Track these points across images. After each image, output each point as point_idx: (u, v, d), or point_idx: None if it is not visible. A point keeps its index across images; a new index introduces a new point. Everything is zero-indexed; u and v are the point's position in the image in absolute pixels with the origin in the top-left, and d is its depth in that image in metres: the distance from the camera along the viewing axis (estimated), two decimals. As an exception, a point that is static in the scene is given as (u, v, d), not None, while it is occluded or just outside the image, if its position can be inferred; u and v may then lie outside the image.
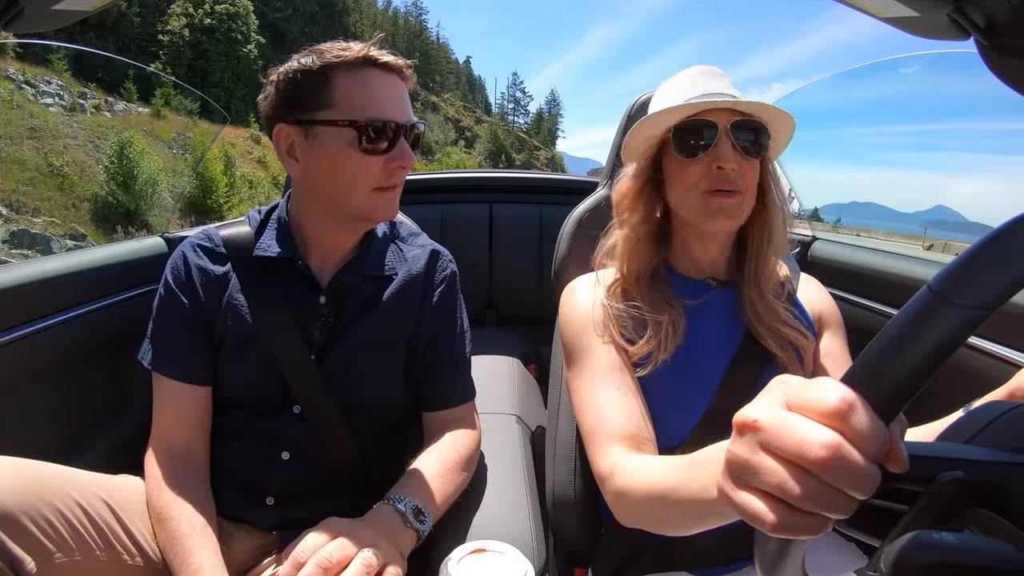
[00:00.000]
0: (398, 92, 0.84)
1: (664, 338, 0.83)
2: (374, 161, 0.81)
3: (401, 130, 0.82)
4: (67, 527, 0.70)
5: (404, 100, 0.85)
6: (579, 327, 0.89)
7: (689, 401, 0.84)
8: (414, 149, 0.86)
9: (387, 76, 0.83)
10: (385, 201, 0.84)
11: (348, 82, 0.79)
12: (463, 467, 0.89)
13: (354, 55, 0.79)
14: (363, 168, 0.81)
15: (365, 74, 0.80)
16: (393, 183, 0.84)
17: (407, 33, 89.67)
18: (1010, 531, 0.35)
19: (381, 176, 0.82)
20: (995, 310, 0.33)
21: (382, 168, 0.82)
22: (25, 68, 20.96)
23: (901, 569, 0.34)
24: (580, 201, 1.21)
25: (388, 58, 0.82)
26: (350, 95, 0.79)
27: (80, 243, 15.59)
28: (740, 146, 0.81)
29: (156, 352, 0.88)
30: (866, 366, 0.35)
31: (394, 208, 0.87)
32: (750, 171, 0.83)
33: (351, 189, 0.82)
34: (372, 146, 0.80)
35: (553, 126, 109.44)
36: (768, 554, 0.38)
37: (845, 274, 1.26)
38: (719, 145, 0.81)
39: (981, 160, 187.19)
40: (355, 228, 0.91)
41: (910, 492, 0.37)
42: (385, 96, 0.82)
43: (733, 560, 0.84)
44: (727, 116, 0.81)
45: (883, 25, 0.64)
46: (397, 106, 0.83)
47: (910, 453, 0.34)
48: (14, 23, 0.64)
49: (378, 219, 0.88)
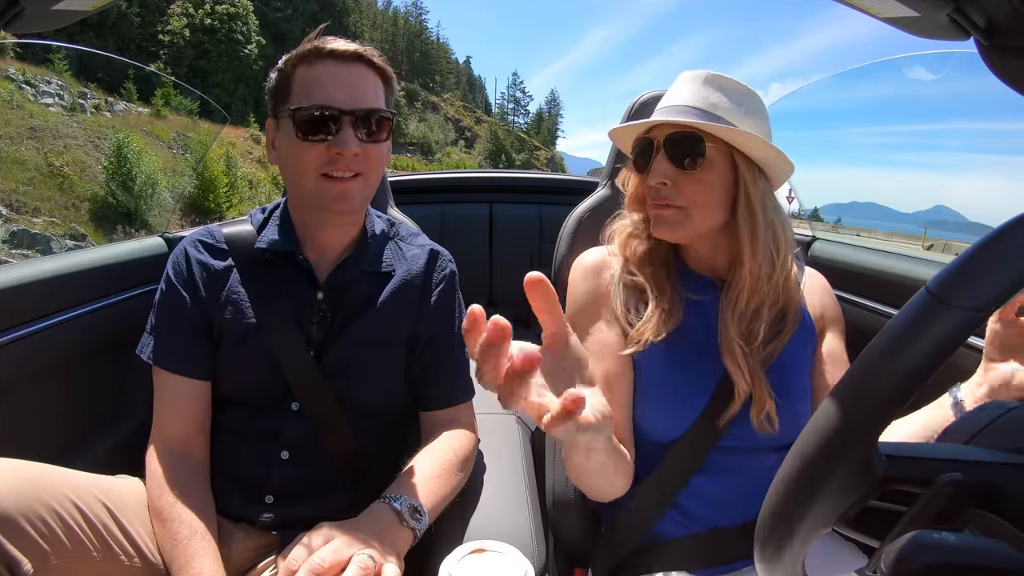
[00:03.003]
0: (350, 78, 0.83)
1: (661, 317, 0.84)
2: (313, 148, 0.81)
3: (344, 116, 0.81)
4: (64, 528, 0.70)
5: (356, 86, 0.83)
6: (582, 304, 0.90)
7: (689, 399, 0.84)
8: (370, 137, 0.83)
9: (340, 64, 0.83)
10: (336, 191, 0.83)
11: (304, 73, 0.83)
12: (460, 467, 0.89)
13: (305, 48, 0.83)
14: (303, 155, 0.82)
15: (320, 64, 0.82)
16: (338, 171, 0.82)
17: (407, 33, 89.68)
18: (1009, 532, 0.35)
19: (322, 163, 0.82)
20: (993, 312, 0.33)
21: (322, 155, 0.81)
22: (25, 68, 20.98)
23: (901, 569, 0.34)
24: (580, 201, 1.21)
25: (336, 45, 0.82)
26: (302, 86, 0.82)
27: (80, 243, 15.59)
28: (675, 160, 0.81)
29: (156, 345, 0.88)
30: (865, 368, 0.35)
31: (348, 200, 0.84)
32: (691, 185, 0.81)
33: (300, 176, 0.84)
34: (309, 132, 0.81)
35: (553, 126, 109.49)
36: (768, 554, 0.38)
37: (845, 274, 1.26)
38: (655, 161, 0.83)
39: (981, 160, 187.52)
40: (335, 222, 0.89)
41: (909, 493, 0.37)
42: (331, 82, 0.81)
43: (733, 560, 0.84)
44: (666, 129, 0.82)
45: (883, 25, 0.64)
46: (342, 92, 0.81)
47: (910, 454, 0.34)
48: (14, 23, 0.64)
49: (334, 210, 0.84)
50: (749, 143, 0.80)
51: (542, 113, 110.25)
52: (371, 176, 0.87)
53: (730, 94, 0.82)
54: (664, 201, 0.82)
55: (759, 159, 0.82)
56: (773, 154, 0.81)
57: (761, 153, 0.81)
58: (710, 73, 0.84)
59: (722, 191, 0.82)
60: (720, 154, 0.81)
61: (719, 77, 0.84)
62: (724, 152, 0.81)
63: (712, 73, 0.84)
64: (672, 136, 0.81)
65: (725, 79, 0.84)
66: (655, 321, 0.84)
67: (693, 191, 0.81)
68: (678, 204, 0.82)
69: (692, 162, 0.80)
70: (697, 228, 0.84)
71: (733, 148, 0.81)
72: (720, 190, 0.82)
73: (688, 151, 0.80)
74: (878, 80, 7.78)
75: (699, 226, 0.83)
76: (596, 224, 1.12)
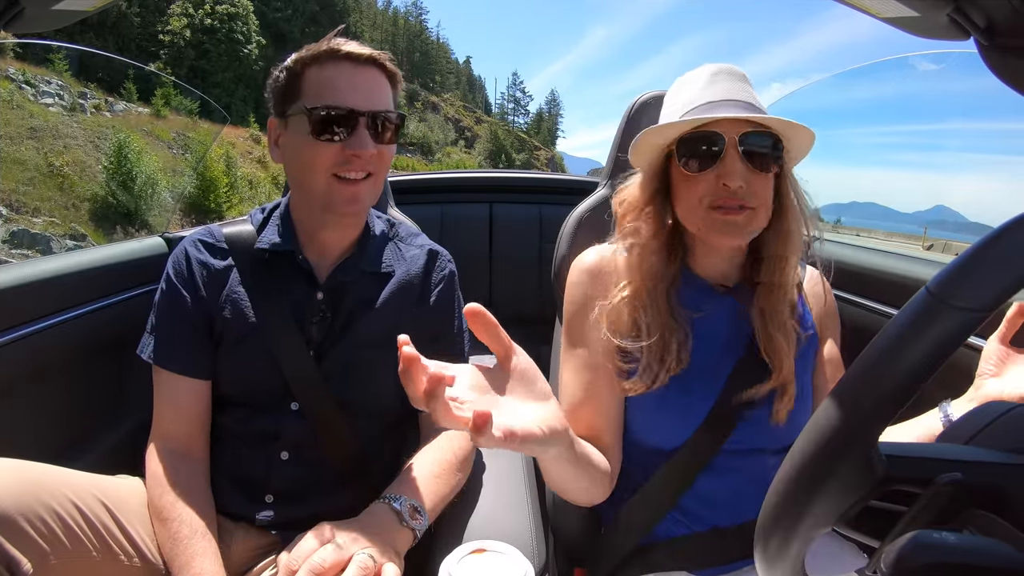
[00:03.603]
0: (365, 81, 0.84)
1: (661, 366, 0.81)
2: (328, 148, 0.82)
3: (360, 117, 0.82)
4: (63, 528, 0.70)
5: (371, 89, 0.84)
6: (578, 308, 0.88)
7: (690, 410, 0.83)
8: (382, 138, 0.85)
9: (355, 67, 0.84)
10: (348, 193, 0.84)
11: (316, 74, 0.83)
12: (459, 468, 0.89)
13: (320, 49, 0.83)
14: (317, 154, 0.82)
15: (332, 66, 0.83)
16: (352, 172, 0.83)
17: (407, 33, 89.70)
18: (1009, 532, 0.35)
19: (336, 163, 0.82)
20: (992, 312, 0.33)
21: (337, 155, 0.82)
22: (25, 68, 20.97)
23: (901, 569, 0.34)
24: (580, 201, 1.20)
25: (351, 48, 0.83)
26: (315, 86, 0.83)
27: (80, 243, 15.59)
28: (750, 160, 0.75)
29: (156, 345, 0.88)
30: (865, 368, 0.35)
31: (358, 202, 0.85)
32: (762, 185, 0.77)
33: (311, 175, 0.84)
34: (324, 132, 0.81)
35: (553, 126, 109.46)
36: (768, 554, 0.38)
37: (845, 274, 1.26)
38: (726, 159, 0.75)
39: (981, 160, 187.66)
40: (339, 223, 0.90)
41: (909, 493, 0.37)
42: (346, 85, 0.82)
43: (733, 560, 0.84)
44: (737, 127, 0.75)
45: (883, 25, 0.64)
46: (357, 94, 0.82)
47: (909, 454, 0.34)
48: (14, 23, 0.64)
49: (342, 212, 0.85)
50: (806, 145, 0.80)
51: (542, 113, 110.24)
52: (380, 176, 0.88)
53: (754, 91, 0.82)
54: (738, 202, 0.76)
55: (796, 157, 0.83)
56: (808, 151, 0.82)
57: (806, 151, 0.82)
58: (739, 69, 0.82)
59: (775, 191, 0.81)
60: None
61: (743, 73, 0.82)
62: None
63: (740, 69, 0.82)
64: (748, 135, 0.75)
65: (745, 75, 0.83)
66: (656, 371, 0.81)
67: (764, 191, 0.78)
68: (751, 205, 0.76)
69: (767, 162, 0.76)
70: (759, 230, 0.80)
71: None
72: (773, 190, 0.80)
73: (766, 150, 0.76)
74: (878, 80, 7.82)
75: (760, 228, 0.80)
76: (596, 224, 1.12)
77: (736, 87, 0.79)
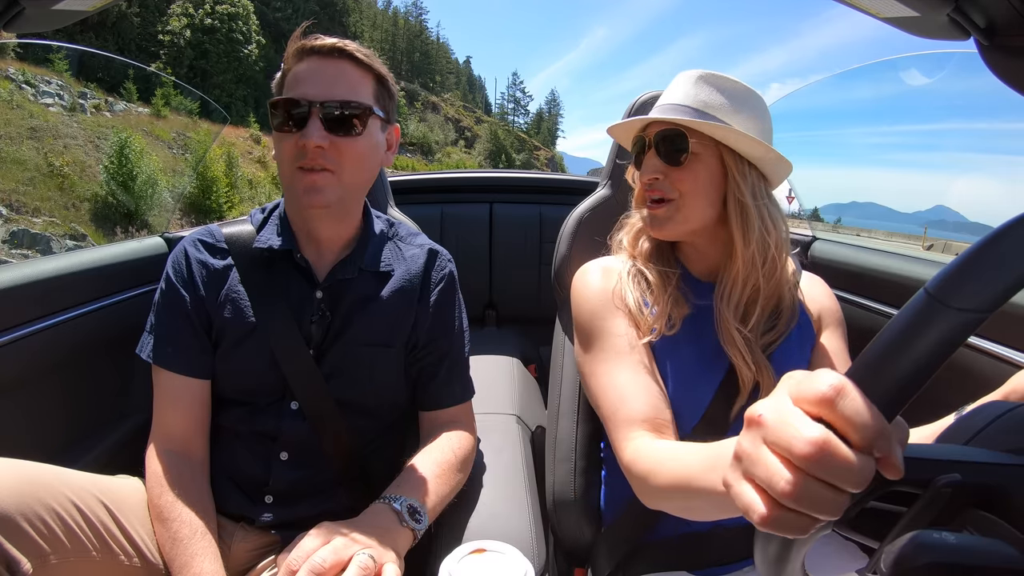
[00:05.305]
0: (327, 72, 0.83)
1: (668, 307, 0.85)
2: (287, 139, 0.83)
3: (311, 107, 0.81)
4: (63, 528, 0.70)
5: (334, 79, 0.83)
6: (595, 306, 0.89)
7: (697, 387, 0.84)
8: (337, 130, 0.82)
9: (321, 59, 0.84)
10: (307, 182, 0.82)
11: (292, 70, 0.85)
12: (459, 468, 0.89)
13: (294, 47, 0.85)
14: (281, 147, 0.84)
15: (304, 62, 0.85)
16: (307, 164, 0.82)
17: (407, 33, 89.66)
18: (1009, 532, 0.35)
19: (295, 155, 0.82)
20: (992, 313, 0.32)
21: (293, 147, 0.82)
22: (25, 68, 20.96)
23: (901, 569, 0.34)
24: (580, 201, 1.20)
25: (317, 42, 0.84)
26: (287, 82, 0.85)
27: (80, 243, 15.59)
28: (663, 156, 0.84)
29: (156, 345, 0.88)
30: (864, 369, 0.35)
31: (317, 193, 0.82)
32: (680, 176, 0.84)
33: (281, 168, 0.86)
34: (282, 124, 0.83)
35: (553, 126, 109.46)
36: (768, 554, 0.38)
37: (845, 274, 1.26)
38: (646, 157, 0.86)
39: (981, 160, 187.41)
40: (312, 215, 0.88)
41: (909, 493, 0.37)
42: (306, 76, 0.83)
43: (733, 560, 0.84)
44: (656, 128, 0.85)
45: (883, 25, 0.64)
46: (314, 85, 0.82)
47: (908, 455, 0.34)
48: (14, 23, 0.64)
49: (305, 203, 0.84)
50: (730, 137, 0.81)
51: (542, 113, 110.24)
52: (344, 174, 0.84)
53: (724, 92, 0.84)
54: (658, 194, 0.85)
55: (748, 155, 0.83)
56: (762, 150, 0.81)
57: (749, 149, 0.82)
58: (705, 72, 0.86)
59: (710, 184, 0.84)
60: (708, 150, 0.83)
61: (714, 76, 0.85)
62: (712, 148, 0.83)
63: (708, 72, 0.85)
64: (660, 133, 0.84)
65: (721, 77, 0.85)
66: (664, 312, 0.85)
67: (681, 182, 0.84)
68: (670, 196, 0.84)
69: (678, 157, 0.83)
70: (689, 222, 0.85)
71: (721, 144, 0.82)
72: (708, 183, 0.84)
73: (674, 147, 0.83)
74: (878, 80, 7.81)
75: (691, 219, 0.85)
76: (596, 224, 1.12)
77: (681, 90, 0.86)
